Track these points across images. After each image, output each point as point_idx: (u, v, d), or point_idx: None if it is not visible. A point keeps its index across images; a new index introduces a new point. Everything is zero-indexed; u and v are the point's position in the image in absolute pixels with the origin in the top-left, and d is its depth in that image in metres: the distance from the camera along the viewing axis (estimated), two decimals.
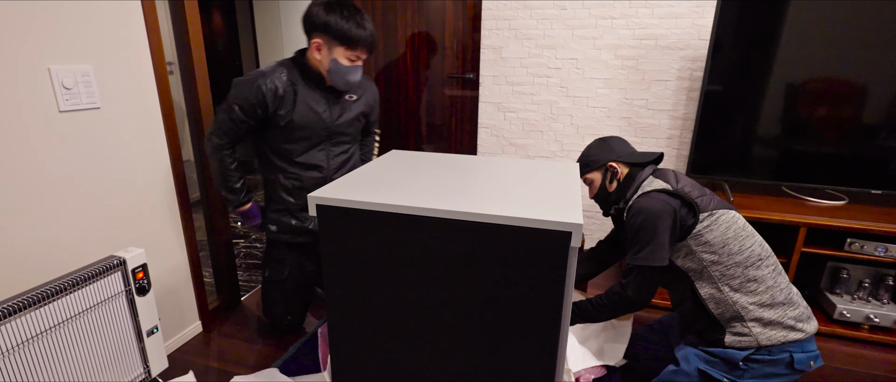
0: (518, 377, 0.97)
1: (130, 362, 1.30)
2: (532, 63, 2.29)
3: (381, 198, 0.94)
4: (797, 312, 1.17)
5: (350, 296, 1.03)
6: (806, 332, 1.15)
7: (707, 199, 1.21)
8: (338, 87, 1.40)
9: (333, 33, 1.28)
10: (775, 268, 1.19)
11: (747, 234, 1.19)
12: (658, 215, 1.17)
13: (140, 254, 1.29)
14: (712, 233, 1.18)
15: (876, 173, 1.76)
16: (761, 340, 1.15)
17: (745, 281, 1.17)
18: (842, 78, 1.71)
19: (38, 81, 1.14)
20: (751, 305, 1.16)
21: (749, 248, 1.18)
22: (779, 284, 1.18)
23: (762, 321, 1.16)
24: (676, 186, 1.22)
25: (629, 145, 1.38)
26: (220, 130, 1.39)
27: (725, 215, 1.19)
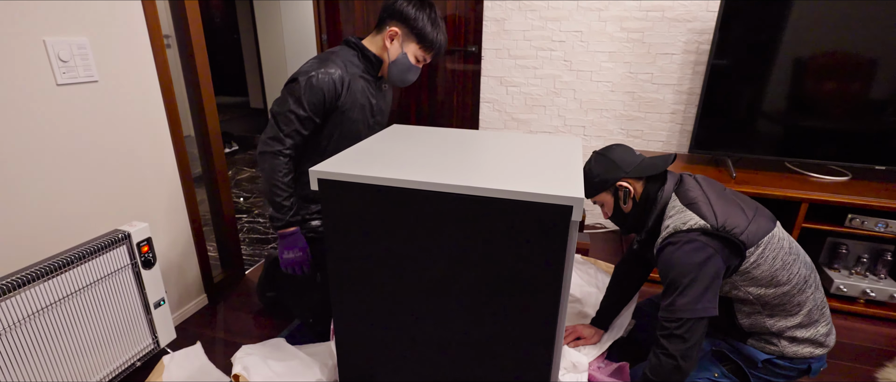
0: (518, 349, 0.99)
1: (140, 333, 1.33)
2: (535, 36, 2.25)
3: (382, 172, 0.94)
4: (827, 328, 1.13)
5: (353, 269, 1.05)
6: (829, 346, 1.13)
7: (751, 229, 1.05)
8: (393, 80, 1.38)
9: (416, 29, 1.28)
10: (816, 283, 1.13)
11: (793, 258, 1.09)
12: (694, 263, 1.03)
13: (144, 228, 1.30)
14: (759, 268, 1.06)
15: (880, 149, 1.75)
16: (787, 353, 1.13)
17: (791, 307, 1.11)
18: (850, 52, 1.68)
19: (34, 54, 1.13)
20: (787, 327, 1.12)
21: (796, 274, 1.09)
22: (816, 300, 1.12)
23: (795, 339, 1.12)
24: (715, 222, 1.04)
25: (633, 151, 1.21)
26: (282, 133, 1.26)
27: (771, 242, 1.07)
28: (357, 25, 2.58)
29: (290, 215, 1.30)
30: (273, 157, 1.27)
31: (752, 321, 1.15)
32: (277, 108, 1.27)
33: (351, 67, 1.31)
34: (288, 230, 1.31)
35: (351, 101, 1.31)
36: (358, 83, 1.33)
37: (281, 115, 1.26)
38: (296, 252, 1.31)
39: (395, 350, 1.11)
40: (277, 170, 1.27)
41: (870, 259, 1.76)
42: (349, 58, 1.33)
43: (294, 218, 1.32)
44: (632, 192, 1.18)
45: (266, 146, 1.28)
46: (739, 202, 1.12)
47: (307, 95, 1.24)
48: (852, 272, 1.79)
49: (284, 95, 1.27)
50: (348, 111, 1.32)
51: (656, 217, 1.14)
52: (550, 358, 0.98)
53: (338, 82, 1.27)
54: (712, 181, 1.18)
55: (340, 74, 1.27)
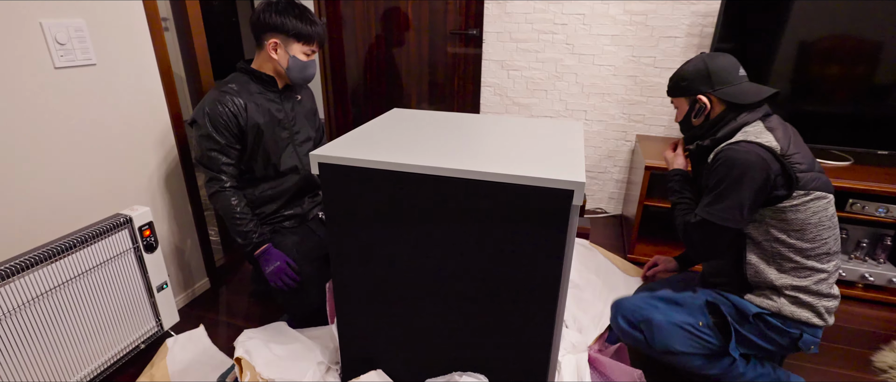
0: (518, 332, 1.00)
1: (143, 316, 1.34)
2: (537, 18, 2.22)
3: (383, 156, 0.93)
4: (832, 304, 1.10)
5: (353, 253, 1.05)
6: (827, 324, 1.11)
7: (812, 176, 1.05)
8: (296, 82, 1.43)
9: (289, 31, 1.34)
10: (836, 268, 1.11)
11: (830, 225, 1.08)
12: (748, 168, 1.02)
13: (146, 212, 1.30)
14: (797, 213, 1.05)
15: (883, 134, 1.74)
16: (784, 311, 1.09)
17: (801, 268, 1.09)
18: (855, 36, 1.66)
19: (31, 37, 1.12)
20: (793, 286, 1.09)
21: (824, 240, 1.07)
22: (830, 276, 1.10)
23: (797, 300, 1.09)
24: (787, 149, 1.04)
25: (737, 69, 1.13)
26: (214, 172, 1.35)
27: (822, 199, 1.05)
28: (357, 11, 2.55)
29: (255, 237, 1.38)
30: (219, 194, 1.36)
31: (757, 271, 1.12)
32: (197, 153, 1.36)
33: (246, 91, 1.37)
34: (260, 249, 1.38)
35: (255, 121, 1.37)
36: (257, 102, 1.38)
37: (203, 157, 1.35)
38: (275, 263, 1.36)
39: (396, 333, 1.12)
40: (229, 203, 1.36)
41: (869, 244, 1.77)
42: (243, 83, 1.39)
43: (261, 238, 1.39)
44: (707, 109, 1.15)
45: (210, 188, 1.37)
46: (815, 158, 1.11)
47: (214, 128, 1.31)
48: (852, 256, 1.80)
49: (196, 140, 1.35)
50: (257, 131, 1.38)
51: (726, 134, 1.11)
52: (550, 340, 0.99)
53: (238, 106, 1.34)
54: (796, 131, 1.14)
55: (235, 98, 1.34)
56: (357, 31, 2.61)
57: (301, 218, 1.55)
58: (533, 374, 1.04)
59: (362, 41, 2.62)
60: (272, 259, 1.36)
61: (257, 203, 1.46)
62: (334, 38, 2.65)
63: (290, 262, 1.37)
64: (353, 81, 2.75)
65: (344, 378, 1.25)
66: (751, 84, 1.14)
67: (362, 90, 2.75)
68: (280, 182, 1.48)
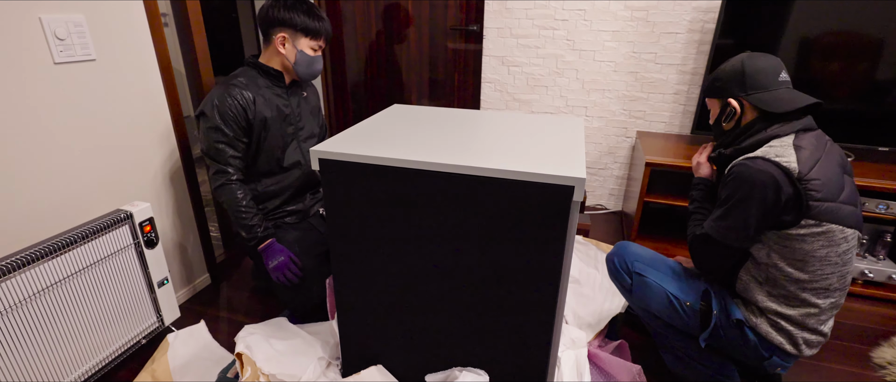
0: (518, 328, 1.01)
1: (144, 311, 1.34)
2: (538, 14, 2.22)
3: (383, 152, 0.93)
4: (815, 338, 1.04)
5: (354, 249, 1.05)
6: (802, 355, 1.06)
7: (829, 208, 0.95)
8: (303, 77, 1.45)
9: (299, 26, 1.35)
10: (835, 301, 1.03)
11: (839, 262, 0.99)
12: (758, 188, 0.96)
13: (146, 208, 1.30)
14: (802, 243, 0.97)
15: (884, 130, 1.74)
16: (760, 330, 1.06)
17: (792, 298, 1.03)
18: (857, 32, 1.65)
19: (31, 32, 1.12)
20: (777, 312, 1.04)
21: (826, 276, 0.99)
22: (822, 313, 1.03)
23: (776, 325, 1.05)
24: (806, 173, 0.94)
25: (778, 75, 1.03)
26: (221, 164, 1.35)
27: (836, 235, 0.96)
28: (357, 7, 2.54)
29: (260, 231, 1.37)
30: (225, 187, 1.36)
31: (747, 288, 1.08)
32: (205, 145, 1.35)
33: (254, 85, 1.38)
34: (264, 244, 1.38)
35: (263, 115, 1.38)
36: (265, 97, 1.39)
37: (211, 150, 1.34)
38: (279, 258, 1.36)
39: (397, 329, 1.12)
40: (234, 196, 1.36)
41: (869, 241, 1.77)
42: (252, 77, 1.39)
43: (265, 233, 1.38)
44: (737, 114, 1.07)
45: (215, 182, 1.37)
46: (848, 185, 1.00)
47: (223, 120, 1.31)
48: None
49: (203, 131, 1.34)
50: (264, 125, 1.39)
51: (756, 143, 1.03)
52: (550, 335, 0.99)
53: (246, 99, 1.34)
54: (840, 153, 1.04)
55: (244, 92, 1.34)
56: (357, 27, 2.60)
57: (302, 214, 1.55)
58: (533, 369, 1.04)
59: (362, 37, 2.62)
60: (276, 254, 1.37)
61: (260, 198, 1.46)
62: (335, 34, 2.64)
63: (293, 257, 1.38)
64: (353, 76, 2.74)
65: (344, 373, 1.26)
66: (790, 91, 1.03)
67: (362, 86, 2.75)
68: (283, 177, 1.49)
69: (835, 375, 1.37)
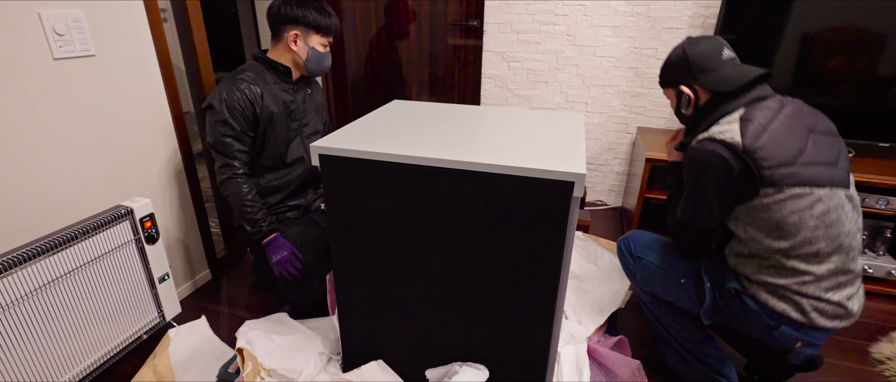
0: (518, 323, 1.01)
1: (145, 307, 1.35)
2: (538, 9, 2.21)
3: (383, 148, 0.93)
4: (823, 306, 0.97)
5: (354, 244, 1.05)
6: (812, 323, 0.97)
7: (789, 172, 0.92)
8: (313, 73, 1.46)
9: (310, 23, 1.36)
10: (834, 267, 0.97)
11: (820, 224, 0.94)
12: (706, 169, 0.97)
13: (147, 204, 1.30)
14: (769, 212, 0.95)
15: (885, 126, 1.73)
16: (760, 298, 1.01)
17: (781, 268, 0.98)
18: (858, 28, 1.65)
19: (30, 27, 1.11)
20: (770, 282, 1.00)
21: (808, 239, 0.94)
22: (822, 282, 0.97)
23: (774, 292, 1.00)
24: (753, 143, 0.93)
25: (720, 54, 1.04)
26: (227, 157, 1.35)
27: (804, 197, 0.93)
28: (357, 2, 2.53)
29: (265, 225, 1.38)
30: (231, 180, 1.36)
31: (737, 263, 1.05)
32: (211, 139, 1.35)
33: (262, 80, 1.38)
34: (268, 239, 1.39)
35: (270, 110, 1.38)
36: (273, 92, 1.39)
37: (218, 143, 1.34)
38: (282, 253, 1.37)
39: (397, 324, 1.13)
40: (240, 190, 1.36)
41: (869, 236, 1.77)
42: (259, 72, 1.39)
43: (270, 227, 1.39)
44: (693, 100, 1.08)
45: (221, 175, 1.37)
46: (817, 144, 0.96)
47: (231, 113, 1.32)
48: None
49: (210, 125, 1.34)
50: (270, 120, 1.39)
51: (709, 124, 1.03)
52: (550, 331, 0.99)
53: (254, 94, 1.35)
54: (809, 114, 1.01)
55: (252, 86, 1.35)
56: (358, 23, 2.59)
57: (304, 209, 1.55)
58: (532, 365, 1.05)
59: (363, 32, 2.61)
60: (280, 249, 1.37)
61: (262, 193, 1.46)
62: None
63: (296, 253, 1.38)
64: (353, 72, 2.74)
65: (345, 368, 1.26)
66: (737, 67, 1.04)
67: (363, 82, 2.74)
68: (286, 173, 1.49)
69: (834, 370, 1.37)
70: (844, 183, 0.97)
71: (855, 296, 1.00)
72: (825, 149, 0.97)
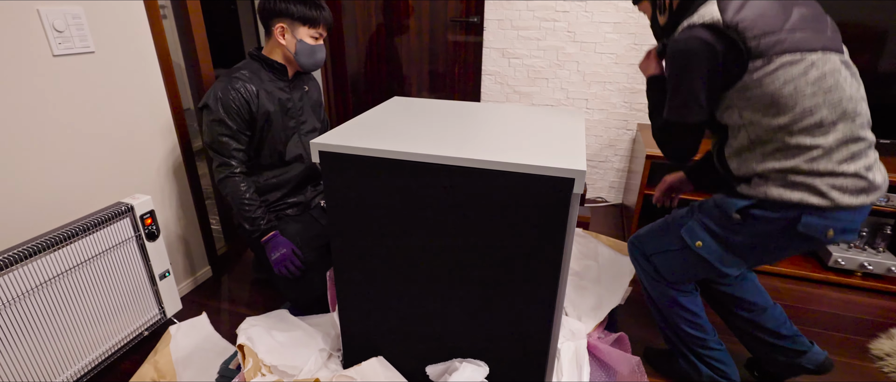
0: (518, 320, 1.01)
1: (146, 303, 1.35)
2: (538, 6, 2.20)
3: (383, 145, 0.93)
4: (842, 182, 0.90)
5: (355, 241, 1.05)
6: (835, 202, 0.90)
7: (777, 39, 0.88)
8: (305, 67, 1.44)
9: (296, 15, 1.34)
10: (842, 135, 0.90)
11: (817, 91, 0.88)
12: (689, 56, 0.93)
13: (147, 201, 1.30)
14: (761, 87, 0.90)
15: (886, 123, 1.73)
16: (772, 195, 0.94)
17: (785, 148, 0.92)
18: (860, 23, 1.64)
19: (29, 23, 1.11)
20: (777, 169, 0.93)
21: (808, 109, 0.89)
22: (831, 153, 0.90)
23: (786, 182, 0.93)
24: (734, 17, 0.89)
25: None
26: (224, 157, 1.35)
27: (796, 64, 0.88)
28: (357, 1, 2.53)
29: (263, 223, 1.38)
30: (228, 180, 1.37)
31: (740, 160, 1.00)
32: (208, 138, 1.35)
33: (258, 79, 1.37)
34: (267, 236, 1.39)
35: (266, 109, 1.37)
36: (268, 90, 1.39)
37: (214, 142, 1.34)
38: (282, 250, 1.37)
39: (397, 321, 1.13)
40: (238, 189, 1.36)
41: (869, 233, 1.77)
42: (255, 70, 1.39)
43: (269, 225, 1.39)
44: (667, 2, 1.05)
45: (219, 174, 1.37)
46: (801, 9, 0.92)
47: (226, 113, 1.31)
48: (851, 245, 1.80)
49: (206, 124, 1.34)
50: (266, 119, 1.38)
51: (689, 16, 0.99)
52: (550, 328, 1.00)
53: (250, 92, 1.34)
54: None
55: (248, 85, 1.34)
56: (357, 19, 2.58)
57: (304, 206, 1.55)
58: (532, 361, 1.05)
59: (362, 29, 2.60)
60: (279, 247, 1.37)
61: (261, 191, 1.46)
62: (334, 26, 2.62)
63: (295, 250, 1.38)
64: (353, 69, 2.73)
65: (345, 364, 1.27)
66: None
67: (362, 79, 2.74)
68: (285, 171, 1.49)
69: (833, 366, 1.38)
70: (837, 48, 0.93)
71: (874, 166, 0.94)
72: (810, 18, 0.92)
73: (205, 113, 1.34)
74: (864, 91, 0.96)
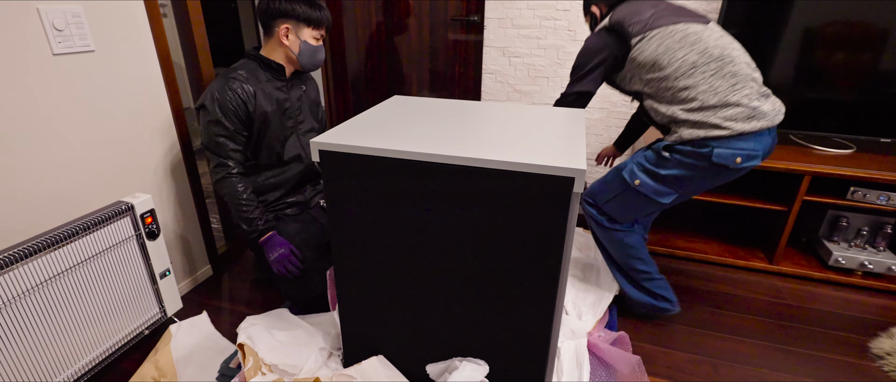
0: (518, 319, 1.01)
1: (147, 302, 1.35)
2: (539, 4, 2.20)
3: (383, 143, 0.93)
4: (731, 112, 1.17)
5: (355, 240, 1.05)
6: (732, 130, 1.16)
7: (642, 21, 1.23)
8: (307, 67, 1.44)
9: (300, 16, 1.35)
10: (715, 72, 1.18)
11: (683, 45, 1.19)
12: (590, 51, 1.31)
13: (147, 200, 1.30)
14: (643, 54, 1.23)
15: (886, 122, 1.73)
16: (684, 136, 1.22)
17: (676, 92, 1.21)
18: (861, 22, 1.64)
19: (29, 22, 1.11)
20: (681, 111, 1.22)
21: (680, 58, 1.19)
22: (714, 88, 1.18)
23: (690, 122, 1.21)
24: (614, 17, 1.29)
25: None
26: (221, 157, 1.35)
27: (662, 32, 1.21)
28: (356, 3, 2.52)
29: (261, 224, 1.38)
30: (226, 180, 1.36)
31: (657, 113, 1.29)
32: (205, 139, 1.35)
33: (255, 79, 1.37)
34: (265, 237, 1.39)
35: (263, 109, 1.37)
36: (266, 90, 1.38)
37: (211, 143, 1.34)
38: (279, 251, 1.37)
39: (398, 320, 1.13)
40: (235, 190, 1.36)
41: (870, 232, 1.77)
42: (252, 70, 1.38)
43: (266, 225, 1.39)
44: (598, 16, 1.40)
45: (216, 175, 1.37)
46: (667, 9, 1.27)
47: (223, 113, 1.31)
48: (852, 244, 1.80)
49: (203, 125, 1.34)
50: (264, 119, 1.38)
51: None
52: (551, 326, 1.00)
53: (247, 93, 1.33)
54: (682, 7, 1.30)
55: (245, 85, 1.33)
56: (357, 18, 2.58)
57: (303, 206, 1.55)
58: (532, 360, 1.05)
59: (362, 28, 2.60)
60: (277, 247, 1.37)
61: (260, 191, 1.46)
62: (334, 25, 2.62)
63: (294, 250, 1.38)
64: (353, 68, 2.73)
65: (346, 363, 1.27)
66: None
67: (362, 77, 2.74)
68: (283, 170, 1.49)
69: (833, 365, 1.38)
70: (700, 21, 1.24)
71: (758, 97, 1.19)
72: (673, 10, 1.27)
73: (201, 114, 1.34)
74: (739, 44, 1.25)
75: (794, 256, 1.90)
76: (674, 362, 1.37)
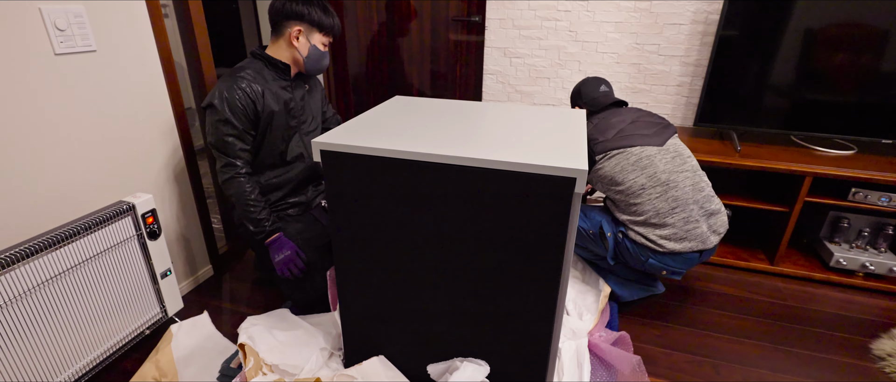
0: (519, 319, 1.01)
1: (148, 302, 1.35)
2: (540, 5, 2.20)
3: (385, 144, 0.93)
4: (666, 232, 1.39)
5: (356, 240, 1.05)
6: (664, 248, 1.39)
7: (607, 143, 1.42)
8: (311, 71, 1.45)
9: (313, 21, 1.37)
10: (660, 195, 1.38)
11: (635, 168, 1.38)
12: None
13: (148, 200, 1.31)
14: (603, 170, 1.43)
15: (888, 123, 1.73)
16: (630, 236, 1.45)
17: (628, 205, 1.43)
18: (862, 24, 1.64)
19: (31, 22, 1.11)
20: (631, 222, 1.44)
21: (632, 180, 1.39)
22: (657, 209, 1.38)
23: (636, 231, 1.43)
24: (592, 130, 1.47)
25: (598, 88, 1.58)
26: (229, 157, 1.34)
27: (621, 154, 1.40)
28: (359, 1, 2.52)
29: (268, 225, 1.38)
30: (233, 180, 1.35)
31: (615, 214, 1.49)
32: (212, 138, 1.34)
33: (262, 78, 1.37)
34: (272, 238, 1.39)
35: (271, 109, 1.37)
36: (272, 90, 1.38)
37: (219, 142, 1.33)
38: (285, 252, 1.37)
39: (398, 320, 1.13)
40: (243, 190, 1.36)
41: (871, 233, 1.77)
42: (258, 69, 1.38)
43: (273, 226, 1.39)
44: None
45: (223, 175, 1.36)
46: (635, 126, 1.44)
47: (232, 112, 1.30)
48: (853, 245, 1.80)
49: (211, 124, 1.33)
50: (270, 118, 1.38)
51: None
52: (552, 327, 1.00)
53: (255, 92, 1.34)
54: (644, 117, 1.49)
55: (253, 84, 1.33)
56: (359, 19, 2.58)
57: (305, 206, 1.55)
58: (533, 360, 1.05)
59: (364, 28, 2.60)
60: (283, 248, 1.37)
61: (263, 191, 1.46)
62: None
63: (298, 252, 1.38)
64: (354, 68, 2.73)
65: (347, 363, 1.27)
66: (605, 94, 1.59)
67: (364, 78, 2.74)
68: (286, 170, 1.49)
69: (834, 366, 1.37)
70: (656, 143, 1.40)
71: (696, 219, 1.39)
72: (642, 126, 1.44)
73: (209, 113, 1.33)
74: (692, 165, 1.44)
75: (795, 257, 1.89)
76: (674, 362, 1.37)
